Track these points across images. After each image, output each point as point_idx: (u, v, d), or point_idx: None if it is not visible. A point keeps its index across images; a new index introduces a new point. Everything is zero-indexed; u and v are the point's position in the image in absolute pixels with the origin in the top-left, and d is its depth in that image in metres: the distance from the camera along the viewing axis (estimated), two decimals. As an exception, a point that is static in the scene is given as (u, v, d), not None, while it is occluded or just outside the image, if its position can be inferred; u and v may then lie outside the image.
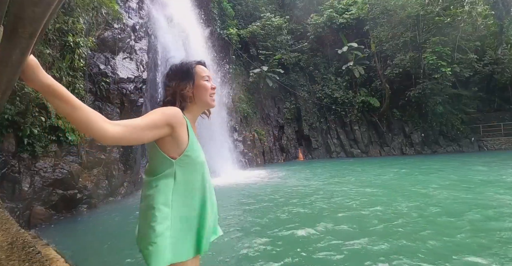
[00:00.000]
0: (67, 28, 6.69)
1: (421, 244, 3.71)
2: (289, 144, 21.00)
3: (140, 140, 1.07)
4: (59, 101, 0.92)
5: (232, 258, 3.63)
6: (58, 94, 0.91)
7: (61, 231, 5.37)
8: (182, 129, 1.17)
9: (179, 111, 1.18)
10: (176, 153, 1.17)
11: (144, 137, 1.07)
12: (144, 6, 10.87)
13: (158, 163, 1.17)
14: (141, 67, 9.42)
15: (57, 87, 0.92)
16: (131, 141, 1.05)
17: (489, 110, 20.94)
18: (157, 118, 1.10)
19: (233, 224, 5.15)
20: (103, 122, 0.96)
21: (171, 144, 1.16)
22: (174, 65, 1.33)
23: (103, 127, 0.95)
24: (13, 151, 5.56)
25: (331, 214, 5.47)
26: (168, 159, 1.16)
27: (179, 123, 1.15)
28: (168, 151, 1.16)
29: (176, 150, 1.17)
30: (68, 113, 0.92)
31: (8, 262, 1.78)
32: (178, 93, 1.24)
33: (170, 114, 1.13)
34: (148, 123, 1.07)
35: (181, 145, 1.17)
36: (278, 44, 20.55)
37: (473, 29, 19.78)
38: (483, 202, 5.67)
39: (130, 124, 1.03)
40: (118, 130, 0.98)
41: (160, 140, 1.15)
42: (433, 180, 8.58)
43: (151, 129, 1.07)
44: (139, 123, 1.05)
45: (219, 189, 9.24)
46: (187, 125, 1.20)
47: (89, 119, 0.93)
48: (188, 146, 1.19)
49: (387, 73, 20.29)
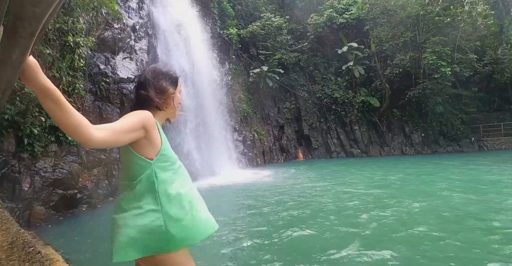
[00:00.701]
0: (67, 28, 6.68)
1: (450, 251, 3.46)
2: (289, 144, 21.00)
3: (120, 143, 1.13)
4: (54, 104, 0.95)
5: (232, 259, 3.62)
6: (55, 98, 0.95)
7: (61, 231, 5.37)
8: (154, 130, 1.22)
9: (150, 114, 1.23)
10: (153, 153, 1.22)
11: (124, 139, 1.13)
12: (144, 6, 10.87)
13: (136, 166, 1.21)
14: (141, 67, 9.42)
15: (55, 91, 0.95)
16: (112, 144, 1.11)
17: (489, 110, 20.94)
18: (134, 121, 1.15)
19: (232, 224, 5.15)
20: (90, 128, 1.01)
21: (147, 146, 1.21)
22: (162, 67, 1.39)
23: (90, 132, 1.00)
24: (13, 151, 5.56)
25: (338, 217, 5.29)
26: (146, 160, 1.20)
27: (151, 126, 1.20)
28: (144, 153, 1.21)
29: (152, 151, 1.22)
30: (60, 117, 0.96)
31: (8, 262, 1.78)
32: (166, 96, 1.31)
33: (144, 118, 1.19)
34: (127, 126, 1.13)
35: (156, 145, 1.23)
36: (278, 44, 20.54)
37: (473, 29, 19.76)
38: (503, 206, 5.37)
39: (112, 127, 1.08)
40: (102, 134, 1.03)
41: (135, 144, 1.19)
42: (442, 180, 8.39)
43: (129, 132, 1.13)
44: (120, 126, 1.11)
45: (219, 189, 9.25)
46: (157, 126, 1.26)
47: (79, 124, 0.98)
48: (162, 146, 1.25)
49: (387, 73, 20.29)
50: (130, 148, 1.20)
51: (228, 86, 16.58)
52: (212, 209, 1.36)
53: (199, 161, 11.20)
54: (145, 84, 1.29)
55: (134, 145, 1.19)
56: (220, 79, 15.70)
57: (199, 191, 1.36)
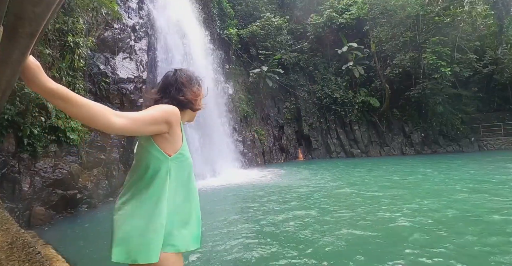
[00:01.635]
0: (67, 28, 6.68)
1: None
2: (289, 144, 20.99)
3: (141, 133, 1.14)
4: (64, 103, 0.94)
5: (232, 259, 3.62)
6: (63, 96, 0.94)
7: (61, 231, 5.37)
8: (178, 128, 1.22)
9: (177, 110, 1.22)
10: (172, 150, 1.21)
11: (145, 130, 1.13)
12: (144, 6, 10.87)
13: (152, 159, 1.19)
14: (141, 67, 9.43)
15: (61, 90, 0.93)
16: (131, 133, 1.12)
17: (489, 110, 20.94)
18: (157, 114, 1.14)
19: (233, 223, 5.15)
20: (109, 115, 1.01)
21: (168, 141, 1.20)
22: (191, 72, 1.42)
23: (110, 120, 1.00)
24: (13, 151, 5.55)
25: (346, 220, 5.13)
26: (164, 155, 1.19)
27: (176, 122, 1.20)
28: (164, 148, 1.20)
29: (171, 147, 1.21)
30: (74, 113, 0.96)
31: (8, 262, 1.78)
32: (191, 98, 1.32)
33: (170, 112, 1.18)
34: (149, 118, 1.12)
35: (176, 143, 1.22)
36: (278, 44, 20.54)
37: (473, 29, 19.77)
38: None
39: (134, 117, 1.08)
40: (123, 121, 1.04)
41: (157, 137, 1.19)
42: (454, 180, 8.22)
43: (151, 124, 1.12)
44: (142, 117, 1.10)
45: (219, 189, 9.25)
46: (181, 126, 1.26)
47: (95, 114, 0.98)
48: (183, 145, 1.24)
49: (387, 73, 20.30)
50: (151, 140, 1.19)
51: (228, 86, 16.57)
52: (212, 209, 1.36)
53: (199, 161, 11.20)
54: (180, 88, 1.31)
55: (156, 137, 1.19)
56: (220, 79, 15.70)
57: (199, 191, 1.36)
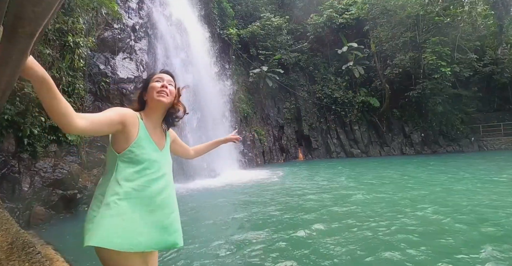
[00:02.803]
0: (67, 28, 6.68)
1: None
2: (289, 144, 20.99)
3: (99, 133, 1.24)
4: (48, 92, 1.01)
5: (231, 259, 3.62)
6: (50, 86, 1.00)
7: (61, 231, 5.36)
8: (132, 127, 1.31)
9: (130, 111, 1.34)
10: (122, 148, 1.29)
11: (102, 131, 1.23)
12: (144, 6, 10.87)
13: (108, 156, 1.33)
14: (141, 67, 9.43)
15: (49, 79, 1.01)
16: (91, 133, 1.21)
17: (489, 110, 20.92)
18: (113, 115, 1.25)
19: (233, 223, 5.15)
20: (76, 117, 1.10)
21: (121, 141, 1.30)
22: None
23: (75, 121, 1.10)
24: (13, 151, 5.56)
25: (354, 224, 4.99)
26: (113, 153, 1.30)
27: (130, 123, 1.30)
28: (116, 147, 1.30)
29: (123, 146, 1.29)
30: (52, 105, 1.03)
31: (8, 262, 1.78)
32: (138, 98, 1.46)
33: (122, 114, 1.28)
34: (107, 119, 1.23)
35: (128, 141, 1.30)
36: (278, 44, 20.54)
37: (473, 29, 19.77)
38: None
39: (93, 118, 1.18)
40: (85, 124, 1.13)
41: (113, 136, 1.31)
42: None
43: (109, 125, 1.23)
44: (100, 118, 1.21)
45: (219, 189, 9.24)
46: (139, 125, 1.34)
47: (67, 112, 1.07)
48: (134, 142, 1.30)
49: (387, 73, 20.29)
50: (110, 137, 1.32)
51: (227, 86, 16.57)
52: (212, 209, 1.35)
53: (199, 162, 11.19)
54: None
55: (113, 137, 1.31)
56: (220, 79, 15.70)
57: (199, 191, 1.36)
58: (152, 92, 1.40)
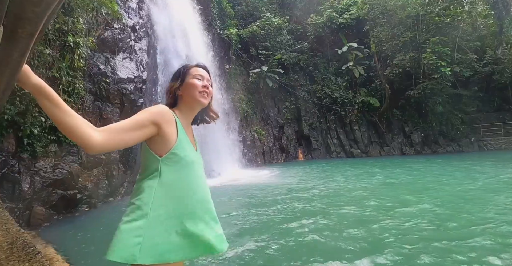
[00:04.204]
0: (67, 28, 6.68)
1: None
2: (289, 144, 20.99)
3: (128, 143, 1.08)
4: (52, 105, 0.94)
5: (231, 259, 3.62)
6: (52, 98, 0.95)
7: (61, 231, 5.37)
8: (169, 126, 1.17)
9: (165, 109, 1.18)
10: (163, 151, 1.16)
11: (131, 138, 1.08)
12: (144, 6, 10.86)
13: (147, 161, 1.18)
14: (141, 67, 9.42)
15: (51, 91, 0.95)
16: (118, 145, 1.07)
17: (489, 110, 20.92)
18: (141, 117, 1.11)
19: (232, 223, 5.15)
20: (90, 129, 0.98)
21: (159, 142, 1.16)
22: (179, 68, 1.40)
23: (90, 134, 0.97)
24: (13, 151, 5.56)
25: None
26: (154, 156, 1.15)
27: (165, 121, 1.15)
28: (156, 149, 1.16)
29: (163, 148, 1.16)
30: (58, 118, 0.95)
31: (8, 262, 1.78)
32: (170, 91, 1.30)
33: (155, 112, 1.14)
34: (133, 124, 1.08)
35: (168, 143, 1.16)
36: (278, 44, 20.54)
37: (473, 29, 19.76)
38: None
39: (115, 127, 1.05)
40: (104, 136, 1.01)
41: (149, 139, 1.15)
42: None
43: (136, 129, 1.08)
44: (124, 125, 1.07)
45: (218, 189, 9.25)
46: (176, 123, 1.20)
47: (78, 124, 0.96)
48: (176, 144, 1.17)
49: (387, 73, 20.29)
50: (145, 142, 1.17)
51: (228, 86, 16.57)
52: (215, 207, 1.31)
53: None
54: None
55: (149, 140, 1.16)
56: (220, 79, 15.70)
57: None
58: (194, 90, 1.27)
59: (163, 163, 1.15)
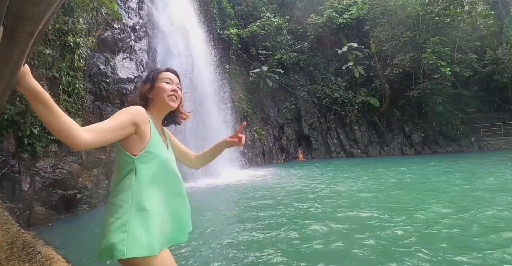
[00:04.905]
0: (67, 28, 6.68)
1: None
2: (289, 144, 20.99)
3: (111, 141, 1.15)
4: (44, 107, 0.97)
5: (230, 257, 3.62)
6: (44, 100, 0.96)
7: (61, 231, 5.37)
8: (146, 126, 1.24)
9: (142, 109, 1.26)
10: (138, 150, 1.22)
11: (114, 138, 1.15)
12: (144, 6, 10.87)
13: (122, 162, 1.22)
14: (141, 67, 9.43)
15: (44, 94, 0.97)
16: (102, 144, 1.13)
17: (489, 110, 20.92)
18: (124, 118, 1.18)
19: (232, 223, 5.15)
20: (80, 131, 1.03)
21: (135, 142, 1.22)
22: (151, 69, 1.50)
23: (79, 135, 1.02)
24: (13, 151, 5.56)
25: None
26: (129, 156, 1.21)
27: (142, 121, 1.23)
28: (130, 148, 1.22)
29: (138, 146, 1.22)
30: (49, 121, 0.98)
31: (8, 263, 1.78)
32: (139, 93, 1.38)
33: (135, 113, 1.22)
34: (117, 124, 1.15)
35: (144, 141, 1.23)
36: (278, 44, 20.54)
37: (473, 29, 19.76)
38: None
39: (101, 128, 1.11)
40: (92, 136, 1.06)
41: (123, 139, 1.21)
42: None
43: (119, 130, 1.16)
44: (109, 125, 1.13)
45: (219, 189, 9.25)
46: (150, 122, 1.27)
47: (68, 127, 1.00)
48: (150, 142, 1.24)
49: (387, 73, 20.28)
50: (118, 143, 1.22)
51: (228, 86, 16.57)
52: (212, 209, 1.35)
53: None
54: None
55: (122, 140, 1.21)
56: (220, 79, 15.70)
57: (199, 192, 1.35)
58: (162, 93, 1.34)
59: (138, 162, 1.20)
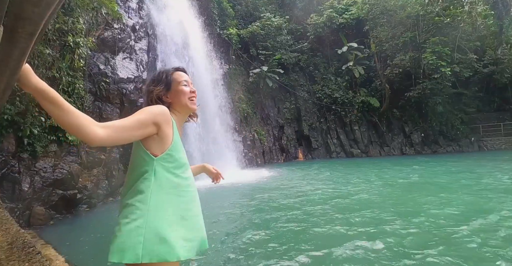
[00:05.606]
0: (67, 28, 6.69)
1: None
2: (289, 144, 20.99)
3: (128, 140, 1.10)
4: (52, 105, 0.95)
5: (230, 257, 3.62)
6: (51, 98, 0.95)
7: (61, 231, 5.37)
8: (168, 127, 1.18)
9: (166, 109, 1.19)
10: (159, 151, 1.17)
11: (132, 137, 1.10)
12: (144, 6, 10.87)
13: (141, 160, 1.17)
14: (141, 67, 9.43)
15: (51, 92, 0.95)
16: (118, 142, 1.09)
17: (489, 110, 20.92)
18: (143, 117, 1.12)
19: (232, 223, 5.15)
20: (93, 126, 0.99)
21: (156, 142, 1.17)
22: (153, 73, 1.39)
23: (93, 131, 0.98)
24: (13, 151, 5.56)
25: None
26: (149, 156, 1.16)
27: (165, 121, 1.17)
28: (151, 148, 1.17)
29: (159, 148, 1.17)
30: (60, 117, 0.96)
31: (8, 262, 1.78)
32: (155, 98, 1.28)
33: (156, 113, 1.15)
34: (135, 123, 1.10)
35: (165, 143, 1.18)
36: (278, 44, 20.53)
37: (473, 29, 19.75)
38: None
39: (118, 125, 1.06)
40: (106, 132, 1.02)
41: (145, 138, 1.16)
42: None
43: (138, 129, 1.10)
44: (126, 123, 1.08)
45: (219, 189, 9.23)
46: (173, 125, 1.21)
47: (80, 123, 0.97)
48: (171, 145, 1.19)
49: (387, 73, 20.28)
50: (139, 141, 1.17)
51: (228, 86, 16.57)
52: (212, 209, 1.34)
53: (198, 162, 11.20)
54: (145, 94, 1.33)
55: (145, 139, 1.16)
56: (220, 79, 15.70)
57: (200, 190, 1.33)
58: (183, 97, 1.29)
59: (158, 163, 1.16)
